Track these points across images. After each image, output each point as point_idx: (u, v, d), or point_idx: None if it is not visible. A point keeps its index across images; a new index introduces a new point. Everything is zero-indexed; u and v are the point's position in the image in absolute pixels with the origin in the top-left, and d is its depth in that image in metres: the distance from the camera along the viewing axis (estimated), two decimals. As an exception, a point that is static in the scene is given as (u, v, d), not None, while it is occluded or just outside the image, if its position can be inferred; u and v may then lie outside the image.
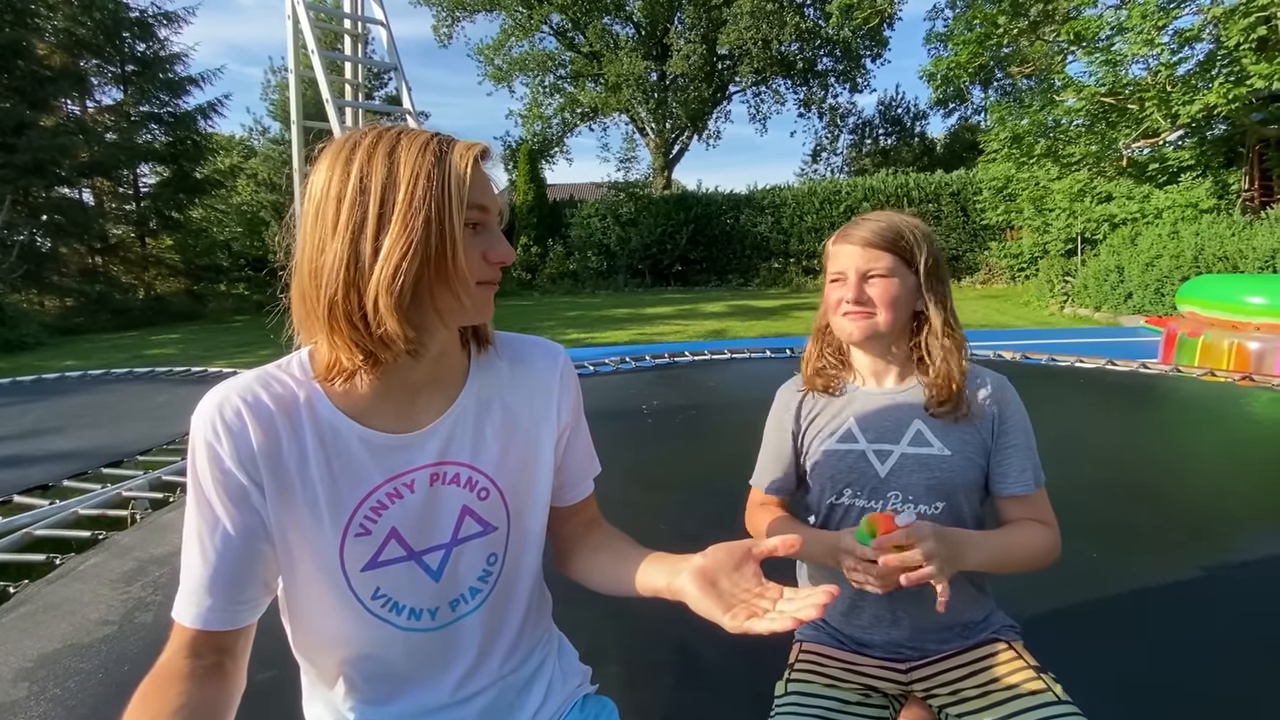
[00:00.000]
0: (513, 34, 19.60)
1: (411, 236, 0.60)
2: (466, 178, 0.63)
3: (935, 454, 0.99)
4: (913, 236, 1.00)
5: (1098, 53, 9.81)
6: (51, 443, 3.70)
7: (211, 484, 0.65)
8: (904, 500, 0.99)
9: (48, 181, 12.17)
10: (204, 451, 0.64)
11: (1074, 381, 4.22)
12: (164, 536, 2.32)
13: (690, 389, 4.27)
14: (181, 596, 0.66)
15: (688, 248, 15.88)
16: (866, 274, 0.99)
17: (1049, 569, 0.98)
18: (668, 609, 0.73)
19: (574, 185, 21.07)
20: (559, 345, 0.85)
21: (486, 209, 0.67)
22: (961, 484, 0.99)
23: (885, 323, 0.99)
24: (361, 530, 0.69)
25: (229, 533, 0.65)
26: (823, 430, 1.06)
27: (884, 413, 1.02)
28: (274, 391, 0.67)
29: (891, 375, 1.05)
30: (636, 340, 8.39)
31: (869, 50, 20.05)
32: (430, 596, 0.74)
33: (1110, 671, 1.47)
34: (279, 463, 0.66)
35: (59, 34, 12.57)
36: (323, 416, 0.68)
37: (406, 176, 0.61)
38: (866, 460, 1.01)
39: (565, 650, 0.93)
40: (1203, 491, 2.52)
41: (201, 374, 5.51)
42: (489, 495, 0.75)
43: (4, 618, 1.82)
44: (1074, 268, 10.61)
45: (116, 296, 12.80)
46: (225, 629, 0.66)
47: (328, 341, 0.65)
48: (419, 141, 0.63)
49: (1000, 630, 1.05)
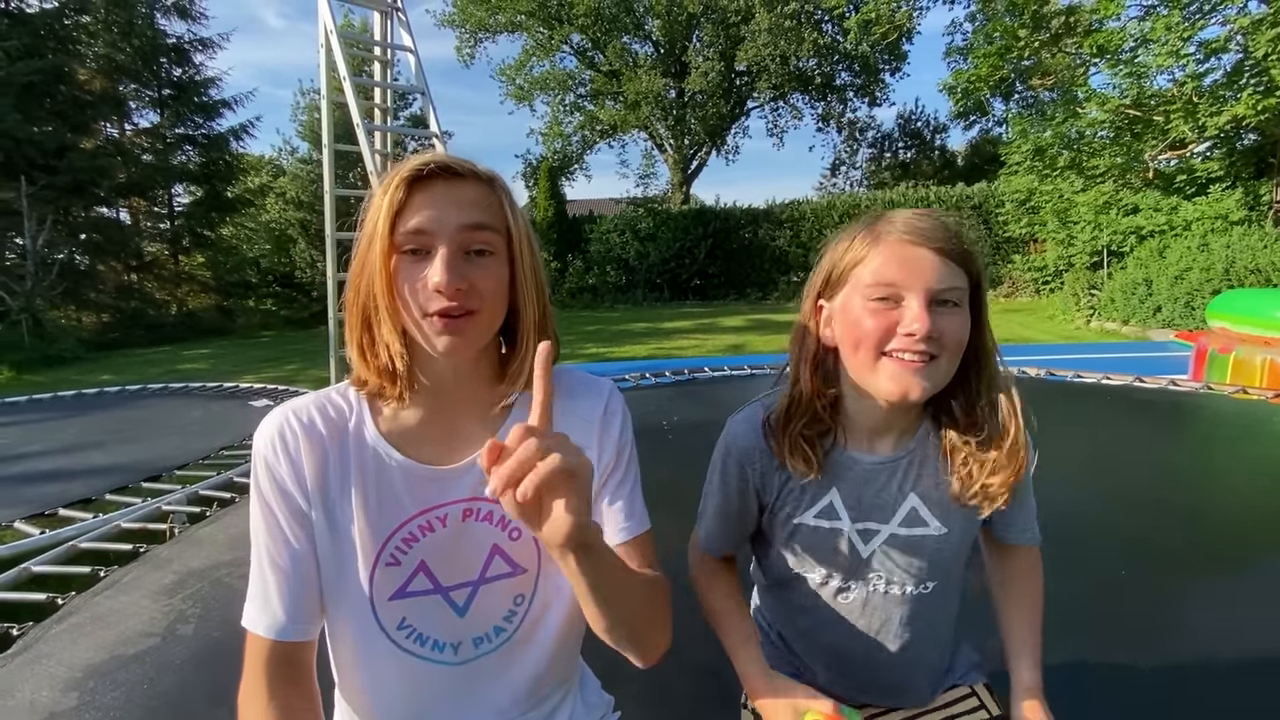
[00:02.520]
0: (534, 54, 19.96)
1: (370, 271, 0.66)
2: (385, 206, 0.64)
3: (931, 534, 0.80)
4: (977, 251, 0.73)
5: (1121, 65, 9.72)
6: (92, 457, 3.83)
7: (275, 501, 0.69)
8: (889, 583, 0.82)
9: (87, 202, 12.61)
10: (264, 471, 0.69)
11: (1102, 399, 4.17)
12: (202, 550, 2.39)
13: (711, 404, 4.29)
14: (252, 607, 0.69)
15: (706, 262, 15.93)
16: (938, 297, 0.69)
17: (1083, 584, 0.97)
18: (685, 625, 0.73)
19: (593, 201, 21.28)
20: (608, 382, 0.81)
21: (425, 232, 0.65)
22: (955, 561, 0.83)
23: (946, 374, 0.72)
24: (392, 560, 0.70)
25: (294, 547, 0.69)
26: (796, 499, 0.83)
27: (874, 486, 0.80)
28: (328, 415, 0.71)
29: (891, 438, 0.81)
30: (655, 355, 8.42)
31: (887, 64, 20.06)
32: (454, 631, 0.74)
33: (1140, 689, 1.46)
34: (325, 486, 0.69)
35: (99, 60, 13.09)
36: (368, 442, 0.70)
37: (372, 209, 0.66)
38: (849, 541, 0.82)
39: (588, 682, 0.92)
40: (1235, 511, 2.48)
41: (233, 389, 5.65)
42: (520, 536, 0.74)
43: (54, 628, 1.89)
44: (1100, 281, 10.45)
45: (150, 312, 13.17)
46: (299, 640, 0.69)
47: (352, 346, 0.71)
48: (392, 172, 0.67)
49: (966, 674, 0.93)
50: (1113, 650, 1.62)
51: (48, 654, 1.76)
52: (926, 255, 0.69)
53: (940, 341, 0.69)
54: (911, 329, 0.68)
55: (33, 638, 1.85)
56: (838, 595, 0.84)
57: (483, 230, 0.66)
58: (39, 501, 3.02)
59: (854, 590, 0.83)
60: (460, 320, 0.65)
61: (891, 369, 0.70)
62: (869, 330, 0.70)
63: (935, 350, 0.69)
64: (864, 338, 0.71)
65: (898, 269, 0.69)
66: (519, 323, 0.71)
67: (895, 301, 0.70)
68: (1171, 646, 1.63)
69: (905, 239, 0.70)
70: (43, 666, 1.71)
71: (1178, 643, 1.65)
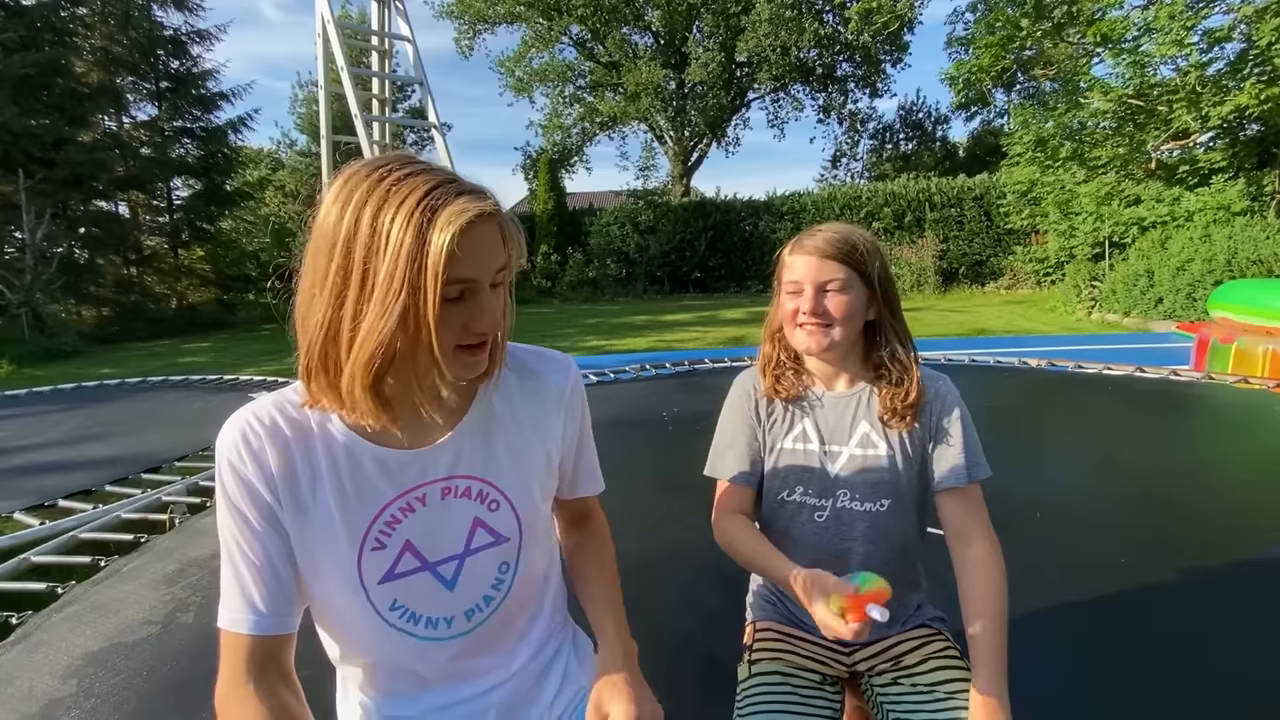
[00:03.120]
0: (533, 45, 19.82)
1: (388, 322, 0.60)
2: (443, 256, 0.59)
3: (881, 455, 1.04)
4: (865, 248, 1.02)
5: (1124, 54, 9.65)
6: (93, 449, 3.83)
7: (242, 501, 0.68)
8: (851, 499, 1.04)
9: (85, 195, 12.57)
10: (230, 474, 0.68)
11: (1102, 389, 4.15)
12: (202, 540, 2.39)
13: (711, 395, 4.28)
14: (229, 607, 0.69)
15: (706, 254, 15.88)
16: (823, 286, 1.01)
17: (1083, 575, 0.98)
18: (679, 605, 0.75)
19: (593, 193, 21.18)
20: (570, 358, 0.86)
21: (471, 280, 0.64)
22: (905, 483, 1.04)
23: (841, 335, 1.02)
24: (377, 544, 0.72)
25: (265, 544, 0.69)
26: (780, 427, 1.09)
27: (836, 415, 1.07)
28: (288, 415, 0.70)
29: (843, 380, 1.09)
30: (655, 347, 8.41)
31: (889, 55, 19.92)
32: (446, 606, 0.76)
33: (1140, 675, 1.46)
34: (294, 484, 0.69)
35: (96, 52, 13.01)
36: (335, 437, 0.71)
37: (390, 250, 0.59)
38: (819, 460, 1.06)
39: (580, 641, 0.96)
40: (1237, 500, 2.47)
41: (233, 382, 5.65)
42: (499, 507, 0.77)
43: (53, 617, 1.90)
44: (1101, 272, 10.42)
45: (150, 306, 13.16)
46: (276, 634, 0.69)
47: (306, 382, 0.67)
48: (406, 206, 0.60)
49: (932, 620, 1.11)
50: (1112, 638, 1.62)
51: (47, 642, 1.77)
52: (810, 259, 1.02)
53: (828, 315, 1.01)
54: (805, 308, 1.02)
55: (32, 626, 1.85)
56: (814, 515, 1.06)
57: (502, 269, 0.68)
58: (39, 493, 3.02)
59: (827, 509, 1.06)
60: (483, 351, 0.69)
61: (797, 334, 1.05)
62: (789, 311, 1.05)
63: (826, 321, 1.01)
64: (787, 315, 1.06)
65: (793, 269, 1.04)
66: (503, 330, 0.74)
67: (799, 291, 1.03)
68: (1172, 635, 1.63)
69: (797, 250, 1.05)
70: (42, 654, 1.71)
71: (1178, 631, 1.64)
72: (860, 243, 1.03)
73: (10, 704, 1.52)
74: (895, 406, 1.03)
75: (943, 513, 1.04)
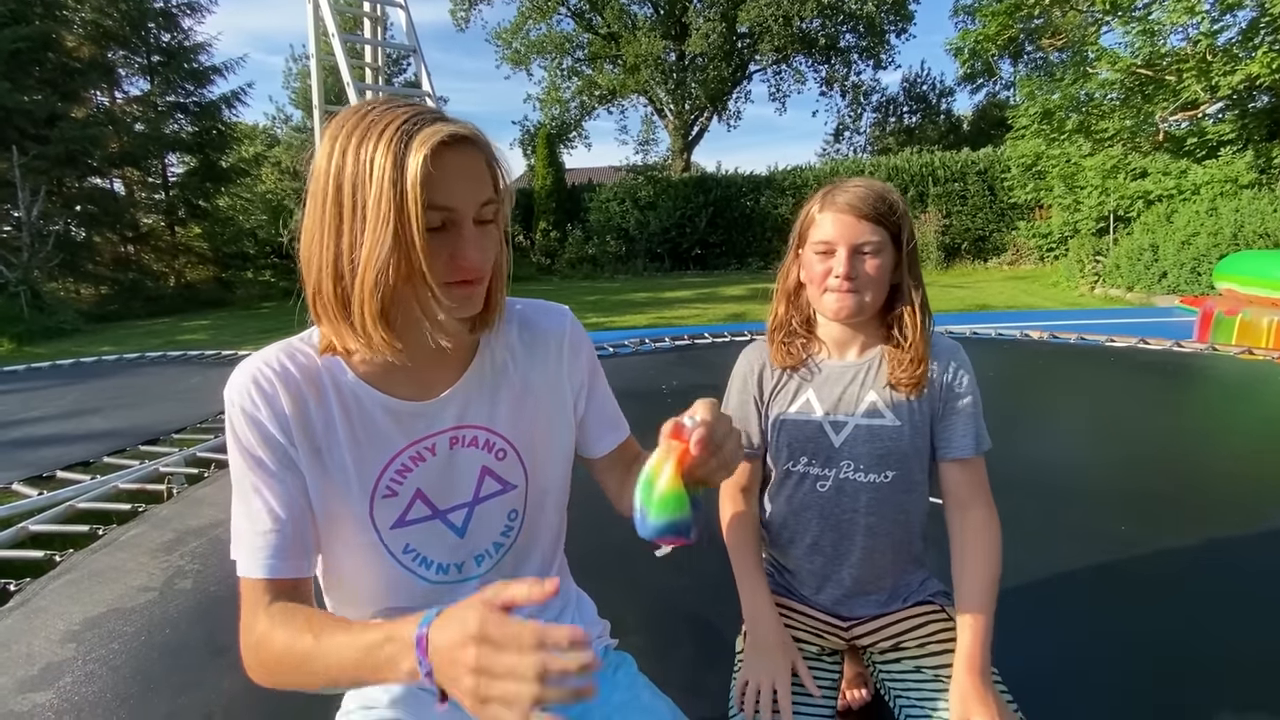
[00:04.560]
0: (530, 16, 19.46)
1: (380, 250, 0.61)
2: (418, 176, 0.60)
3: (886, 424, 1.00)
4: (901, 209, 0.97)
5: (1134, 22, 9.45)
6: (91, 422, 3.83)
7: (258, 446, 0.68)
8: (855, 469, 1.01)
9: (80, 172, 12.44)
10: (243, 419, 0.68)
11: (1105, 361, 4.13)
12: (200, 510, 2.39)
13: (710, 369, 4.26)
14: (246, 553, 0.68)
15: (707, 231, 15.74)
16: (858, 248, 0.95)
17: (1081, 544, 0.97)
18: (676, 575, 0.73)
19: (592, 169, 20.96)
20: (565, 307, 0.87)
21: (450, 208, 0.64)
22: (911, 453, 1.01)
23: (872, 300, 0.97)
24: (388, 492, 0.73)
25: (283, 487, 0.68)
26: (783, 398, 1.06)
27: (842, 384, 1.03)
28: (299, 362, 0.71)
29: (855, 347, 1.04)
30: (656, 324, 8.38)
31: (893, 25, 19.56)
32: (455, 551, 0.78)
33: (1142, 641, 1.45)
34: (309, 428, 0.69)
35: (87, 26, 12.76)
36: (345, 386, 0.71)
37: (374, 178, 0.60)
38: (822, 430, 1.02)
39: (584, 603, 0.97)
40: (1240, 470, 2.46)
41: (232, 356, 5.63)
42: (506, 456, 0.78)
43: (51, 584, 1.90)
44: (1105, 247, 10.32)
45: (149, 284, 13.09)
46: (296, 577, 0.69)
47: (319, 324, 0.68)
48: (387, 134, 0.61)
49: (935, 595, 1.08)
50: (1113, 607, 1.62)
51: (45, 608, 1.77)
52: (850, 220, 0.95)
53: (860, 279, 0.96)
54: (839, 271, 0.95)
55: (30, 592, 1.85)
56: (817, 484, 1.04)
57: (489, 204, 0.67)
58: (37, 464, 3.02)
59: (830, 479, 1.03)
60: (474, 286, 0.68)
61: (825, 298, 0.99)
62: (817, 273, 0.99)
63: (857, 286, 0.96)
64: (814, 277, 1.00)
65: (831, 230, 0.97)
66: (496, 273, 0.73)
67: (831, 252, 0.97)
68: (1171, 603, 1.62)
69: (830, 206, 0.98)
70: (41, 620, 1.71)
71: (1178, 599, 1.64)
72: (897, 202, 0.97)
73: (9, 667, 1.52)
74: (906, 374, 0.98)
75: (945, 480, 1.02)
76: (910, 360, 0.98)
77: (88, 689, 1.44)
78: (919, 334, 0.99)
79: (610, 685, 0.86)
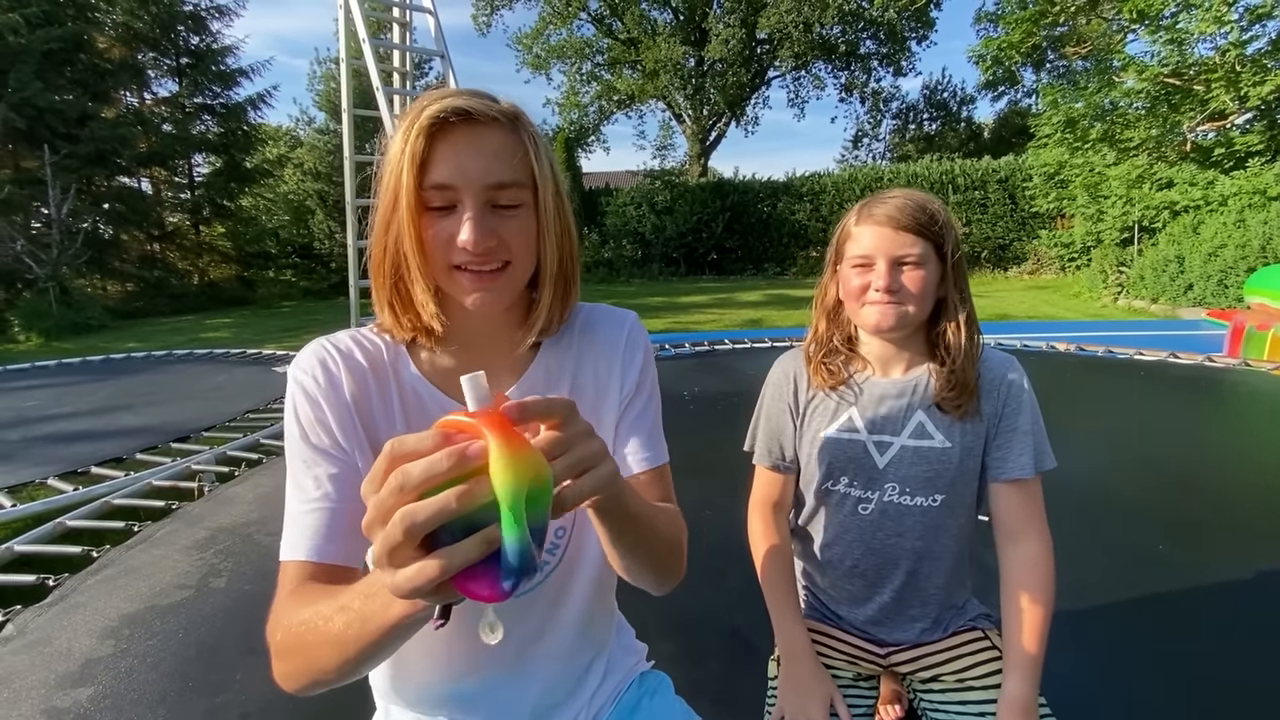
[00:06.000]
0: (551, 21, 19.58)
1: (395, 230, 0.63)
2: (407, 159, 0.60)
3: (936, 446, 0.96)
4: (943, 219, 0.94)
5: (1162, 30, 9.32)
6: (122, 418, 3.89)
7: (318, 426, 0.66)
8: (901, 492, 0.97)
9: (109, 171, 12.65)
10: (305, 399, 0.67)
11: (1134, 374, 4.07)
12: (231, 508, 2.42)
13: (731, 375, 4.26)
14: (294, 535, 0.64)
15: (724, 236, 15.71)
16: (898, 260, 0.92)
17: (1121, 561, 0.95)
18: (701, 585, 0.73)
19: (610, 173, 21.00)
20: (629, 313, 0.83)
21: (449, 186, 0.61)
22: (960, 476, 0.96)
23: (915, 312, 0.94)
24: None
25: (341, 470, 0.66)
26: (823, 415, 1.02)
27: (887, 403, 0.98)
28: (366, 350, 0.70)
29: (901, 364, 1.00)
30: (672, 329, 8.36)
31: (914, 32, 19.44)
32: None
33: (1177, 661, 1.43)
34: (369, 417, 0.68)
35: (118, 27, 13.02)
36: (406, 381, 0.71)
37: (390, 156, 0.62)
38: (866, 451, 0.98)
39: (623, 628, 0.94)
40: (1277, 489, 2.41)
41: (256, 355, 5.71)
42: None
43: (89, 580, 1.93)
44: (1129, 258, 10.16)
45: (173, 282, 13.30)
46: (342, 562, 0.64)
47: (381, 307, 0.70)
48: (409, 117, 0.62)
49: (977, 619, 1.04)
50: (1150, 624, 1.59)
51: (84, 604, 1.80)
52: (888, 232, 0.92)
53: (902, 292, 0.92)
54: (879, 285, 0.93)
55: (69, 588, 1.89)
56: (859, 507, 1.00)
57: (508, 188, 0.63)
58: (71, 460, 3.08)
59: (873, 502, 0.99)
60: (489, 276, 0.65)
61: (865, 312, 0.96)
62: (855, 287, 0.96)
63: (899, 299, 0.93)
64: (852, 292, 0.97)
65: (869, 243, 0.94)
66: (540, 271, 0.70)
67: (870, 265, 0.94)
68: (1208, 621, 1.60)
69: (867, 219, 0.94)
70: (80, 616, 1.74)
71: (1215, 617, 1.61)
72: (938, 212, 0.93)
73: (51, 663, 1.55)
74: (956, 393, 0.94)
75: (997, 503, 0.96)
76: (964, 378, 0.94)
77: (127, 686, 1.46)
78: (965, 352, 0.95)
79: (647, 714, 0.84)
